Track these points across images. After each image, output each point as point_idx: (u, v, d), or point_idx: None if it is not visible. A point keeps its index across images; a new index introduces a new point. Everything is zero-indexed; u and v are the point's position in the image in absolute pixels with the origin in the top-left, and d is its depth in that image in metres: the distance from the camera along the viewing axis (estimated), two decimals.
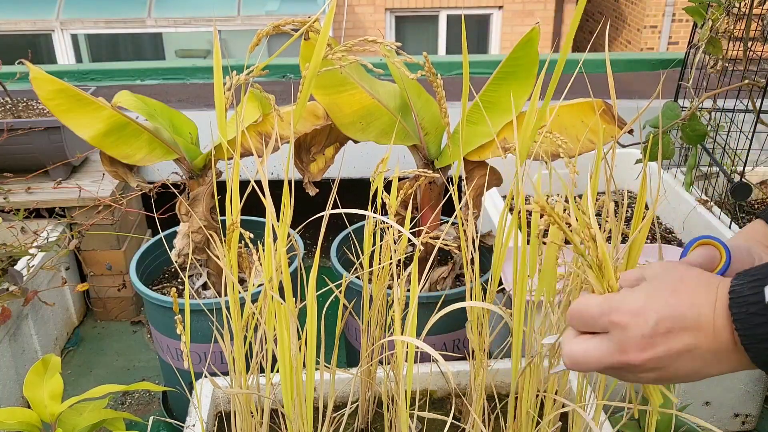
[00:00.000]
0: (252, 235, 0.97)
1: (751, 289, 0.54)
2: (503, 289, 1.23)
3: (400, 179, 1.07)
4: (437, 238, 1.18)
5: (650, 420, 0.85)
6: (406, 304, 0.94)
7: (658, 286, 0.60)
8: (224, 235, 0.91)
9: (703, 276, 0.60)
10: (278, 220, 0.81)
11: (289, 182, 0.80)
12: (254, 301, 0.91)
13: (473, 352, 1.03)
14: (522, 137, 0.92)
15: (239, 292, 0.90)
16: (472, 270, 0.97)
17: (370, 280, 1.08)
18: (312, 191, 1.36)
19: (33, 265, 1.63)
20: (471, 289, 0.99)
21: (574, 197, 0.73)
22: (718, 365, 0.58)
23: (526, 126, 0.92)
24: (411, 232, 1.04)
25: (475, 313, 1.00)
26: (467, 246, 0.98)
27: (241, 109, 0.99)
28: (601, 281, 0.65)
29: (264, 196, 0.78)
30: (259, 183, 0.80)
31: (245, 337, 0.93)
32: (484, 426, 1.01)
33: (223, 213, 1.17)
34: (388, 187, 1.06)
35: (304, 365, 0.87)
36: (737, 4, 1.51)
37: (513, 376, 0.95)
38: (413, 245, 1.48)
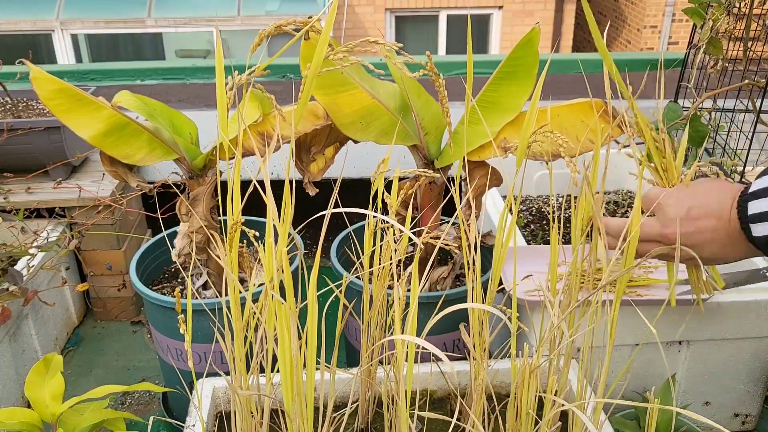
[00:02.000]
0: (257, 233, 0.97)
1: (756, 185, 0.78)
2: (503, 288, 1.23)
3: (400, 179, 1.07)
4: (438, 238, 1.18)
5: (650, 420, 0.85)
6: (406, 304, 0.94)
7: (696, 187, 0.86)
8: (225, 235, 0.91)
9: (728, 184, 0.85)
10: (279, 220, 0.81)
11: (290, 182, 0.80)
12: (255, 300, 0.91)
13: (472, 351, 1.03)
14: (522, 137, 0.92)
15: (240, 292, 0.90)
16: (473, 270, 0.97)
17: (370, 281, 1.08)
18: (312, 191, 1.36)
19: (33, 265, 1.63)
20: (472, 289, 0.99)
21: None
22: (733, 249, 0.83)
23: (525, 126, 0.92)
24: (411, 233, 1.04)
25: (476, 314, 1.00)
26: (468, 246, 0.98)
27: (243, 109, 0.99)
28: (664, 179, 0.94)
29: (266, 195, 0.78)
30: (260, 182, 0.80)
31: (245, 337, 0.93)
32: (484, 426, 1.01)
33: (223, 213, 1.17)
34: (388, 187, 1.06)
35: (304, 365, 0.87)
36: (737, 5, 1.51)
37: (512, 376, 0.95)
38: (414, 245, 1.48)
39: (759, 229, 0.76)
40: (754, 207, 0.77)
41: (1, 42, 7.11)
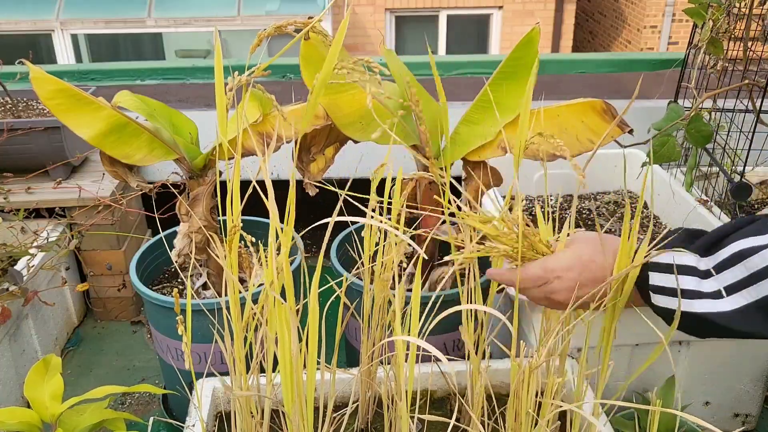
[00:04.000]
0: (253, 239, 0.97)
1: (659, 258, 0.86)
2: (503, 288, 1.23)
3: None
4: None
5: (651, 420, 0.85)
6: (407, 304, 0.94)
7: (582, 251, 0.89)
8: (224, 236, 0.91)
9: (613, 243, 0.88)
10: (279, 221, 0.81)
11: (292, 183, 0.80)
12: (255, 301, 0.91)
13: (470, 353, 1.03)
14: (519, 138, 0.92)
15: (239, 292, 0.90)
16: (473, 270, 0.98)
17: (371, 281, 1.08)
18: (312, 191, 1.36)
19: (33, 265, 1.63)
20: (470, 290, 0.99)
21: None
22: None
23: (522, 126, 0.92)
24: (411, 233, 1.04)
25: (476, 315, 1.00)
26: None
27: (243, 109, 0.99)
28: (535, 255, 0.93)
29: (267, 197, 0.78)
30: (260, 183, 0.80)
31: (245, 338, 0.93)
32: (484, 427, 1.01)
33: (223, 213, 1.17)
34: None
35: (304, 366, 0.87)
36: (737, 5, 1.51)
37: (512, 376, 0.95)
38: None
39: (660, 300, 0.85)
40: (656, 279, 0.85)
41: (1, 42, 7.11)
